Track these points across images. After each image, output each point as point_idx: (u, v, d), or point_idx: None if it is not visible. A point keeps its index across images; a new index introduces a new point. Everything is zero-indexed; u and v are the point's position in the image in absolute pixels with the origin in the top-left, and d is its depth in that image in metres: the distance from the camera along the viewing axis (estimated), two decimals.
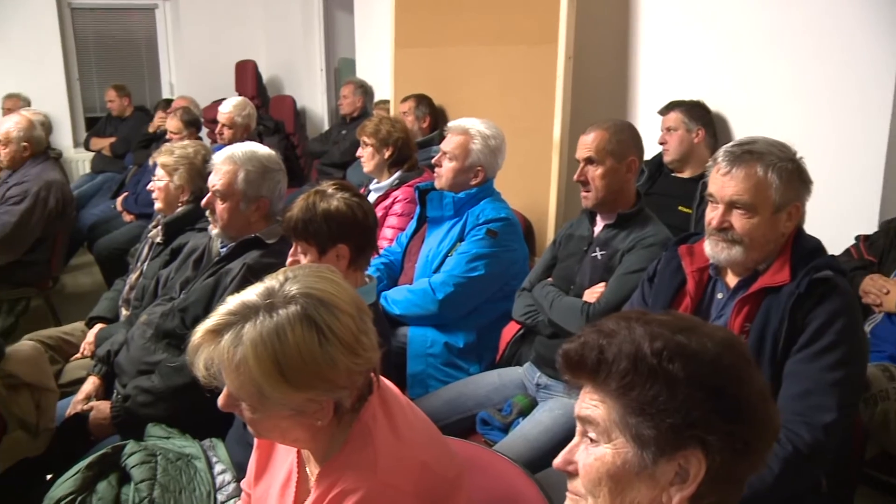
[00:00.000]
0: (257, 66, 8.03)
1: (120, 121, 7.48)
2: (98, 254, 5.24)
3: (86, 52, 8.39)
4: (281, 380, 1.32)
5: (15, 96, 7.19)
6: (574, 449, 1.18)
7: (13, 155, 4.48)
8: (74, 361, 3.20)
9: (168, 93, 8.53)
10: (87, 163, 7.67)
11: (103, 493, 2.08)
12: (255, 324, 1.33)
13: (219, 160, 2.70)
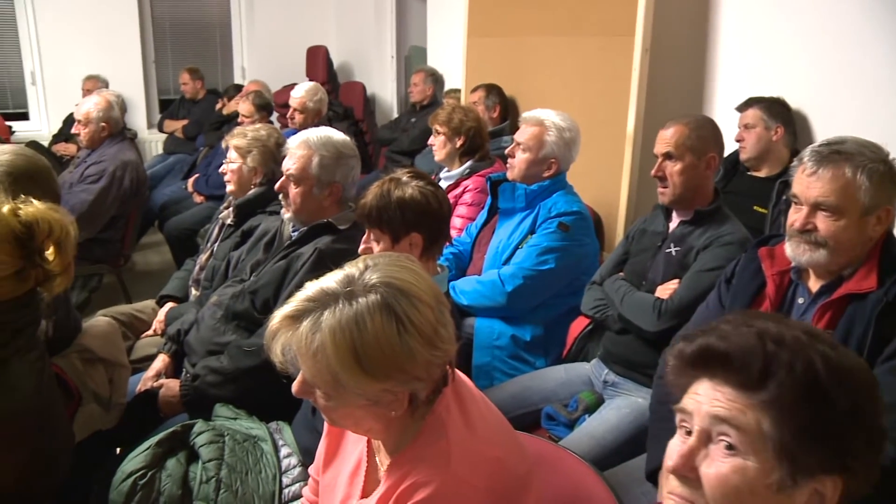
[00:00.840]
0: (328, 52, 8.07)
1: (193, 103, 7.60)
2: (168, 233, 5.33)
3: (162, 36, 8.52)
4: (358, 369, 1.30)
5: (94, 78, 7.35)
6: (694, 452, 1.13)
7: (92, 135, 4.58)
8: (145, 338, 3.25)
9: (240, 77, 8.63)
10: (159, 144, 7.81)
11: (172, 470, 2.10)
12: (335, 311, 1.32)
13: (293, 144, 2.71)
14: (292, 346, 1.34)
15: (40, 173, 2.46)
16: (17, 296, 1.74)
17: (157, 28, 8.45)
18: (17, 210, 1.73)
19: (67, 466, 1.98)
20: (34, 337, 1.84)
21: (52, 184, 2.48)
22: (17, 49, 7.89)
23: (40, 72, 7.91)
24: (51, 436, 1.89)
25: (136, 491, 2.04)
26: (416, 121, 6.22)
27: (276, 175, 3.35)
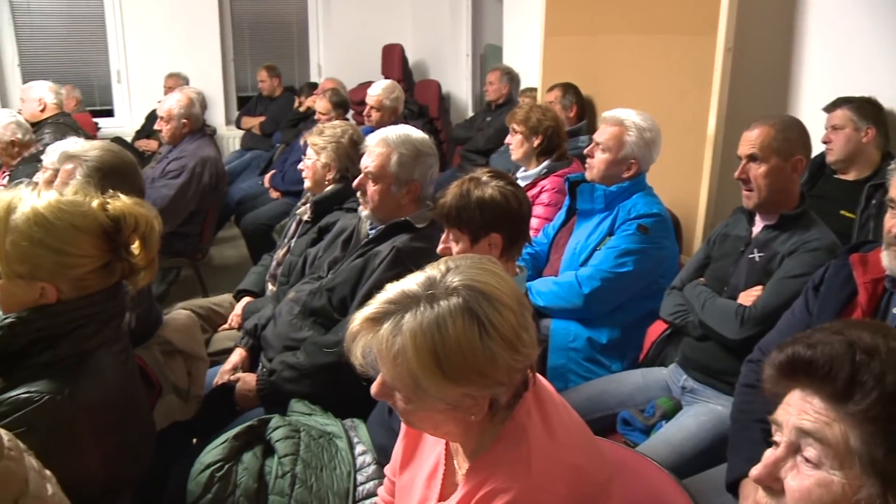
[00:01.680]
0: (404, 50, 8.09)
1: (270, 100, 7.72)
2: (244, 228, 5.41)
3: (240, 34, 8.68)
4: (439, 373, 1.29)
5: (175, 75, 7.52)
6: (779, 463, 1.10)
7: (173, 131, 4.68)
8: (222, 332, 3.30)
9: (316, 74, 8.73)
10: (237, 140, 7.96)
11: (248, 464, 2.12)
12: (416, 314, 1.30)
13: (372, 142, 2.71)
14: (373, 349, 1.33)
15: (127, 169, 2.52)
16: (103, 288, 1.78)
17: (236, 26, 8.60)
18: (105, 205, 1.77)
19: (150, 456, 2.02)
20: (119, 329, 1.87)
21: (137, 179, 2.53)
22: (104, 49, 8.13)
23: (125, 70, 8.14)
24: (135, 425, 1.93)
25: (213, 483, 2.07)
26: (491, 120, 6.20)
27: (351, 172, 3.39)
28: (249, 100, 8.26)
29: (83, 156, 2.55)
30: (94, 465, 1.72)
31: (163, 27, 8.05)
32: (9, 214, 1.68)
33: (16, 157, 4.51)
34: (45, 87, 5.20)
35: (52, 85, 5.27)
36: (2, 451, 1.23)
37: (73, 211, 1.72)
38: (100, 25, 8.08)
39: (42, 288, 1.70)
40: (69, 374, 1.67)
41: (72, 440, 1.65)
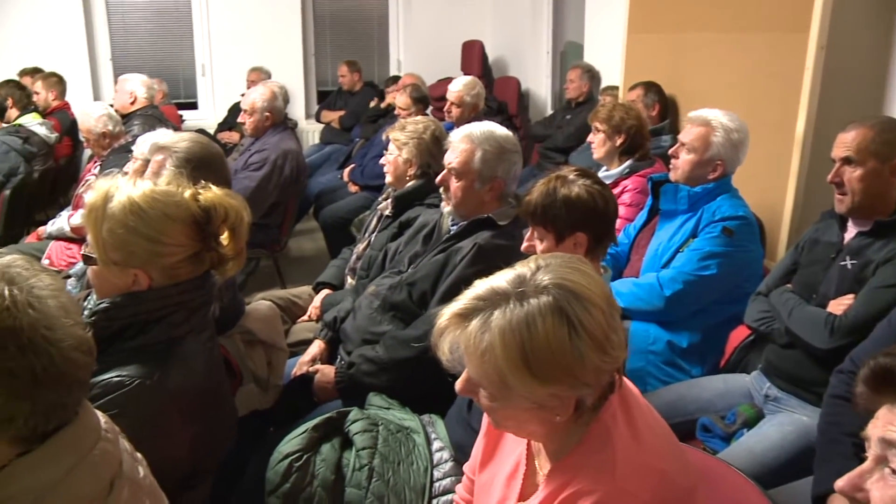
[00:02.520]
0: (484, 47, 8.08)
1: (350, 95, 7.79)
2: (323, 221, 5.46)
3: (322, 29, 8.78)
4: (526, 371, 1.28)
5: (258, 69, 7.64)
6: (865, 474, 1.06)
7: (257, 124, 4.75)
8: (300, 323, 3.34)
9: (395, 70, 8.78)
10: (316, 134, 8.05)
11: (326, 455, 2.15)
12: (505, 311, 1.29)
13: (456, 138, 2.70)
14: (460, 345, 1.32)
15: (214, 160, 2.57)
16: (193, 277, 1.82)
17: (317, 22, 8.72)
18: (197, 195, 1.80)
19: (232, 443, 2.05)
20: (207, 318, 1.91)
21: (224, 170, 2.58)
22: (190, 43, 8.34)
23: (210, 64, 8.32)
24: (219, 412, 1.96)
25: (291, 472, 2.10)
26: (570, 118, 6.15)
27: (433, 168, 3.39)
28: (329, 94, 8.35)
29: (173, 147, 2.61)
30: (180, 451, 1.75)
31: (247, 22, 8.21)
32: (106, 203, 1.73)
33: (106, 148, 4.65)
34: (138, 80, 5.35)
35: (145, 79, 5.41)
36: (99, 432, 1.26)
37: (166, 201, 1.76)
38: (186, 21, 8.29)
39: (135, 275, 1.74)
40: (159, 360, 1.71)
41: (160, 425, 1.68)
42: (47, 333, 1.14)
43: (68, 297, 1.21)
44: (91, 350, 1.22)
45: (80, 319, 1.22)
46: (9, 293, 1.12)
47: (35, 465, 1.15)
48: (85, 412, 1.24)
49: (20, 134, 5.52)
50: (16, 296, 1.13)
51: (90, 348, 1.22)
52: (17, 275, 1.17)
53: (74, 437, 1.20)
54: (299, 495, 2.08)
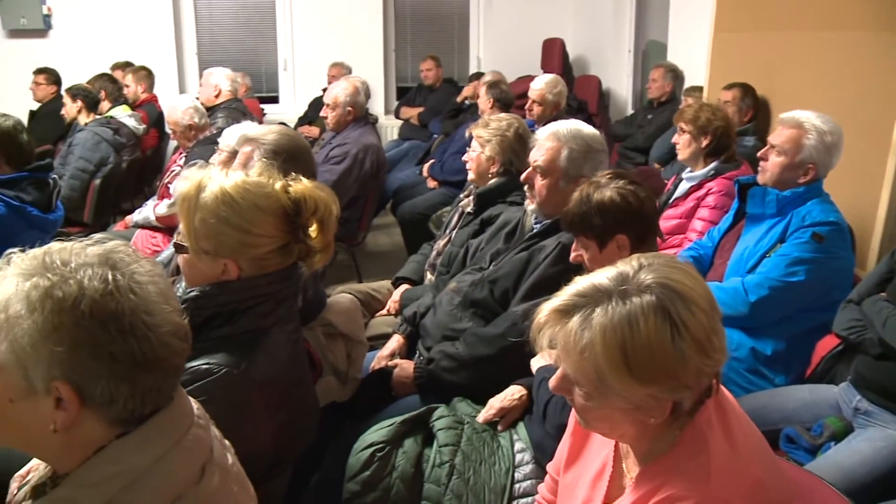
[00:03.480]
0: (564, 45, 8.01)
1: (429, 91, 7.82)
2: (401, 217, 5.48)
3: (403, 26, 8.83)
4: (626, 371, 1.25)
5: (339, 65, 7.71)
6: None
7: (338, 118, 4.79)
8: (379, 317, 3.35)
9: (475, 67, 8.77)
10: (395, 129, 8.10)
11: (408, 449, 2.15)
12: (607, 309, 1.27)
13: (542, 136, 2.68)
14: (557, 341, 1.31)
15: (301, 153, 2.59)
16: (281, 268, 1.83)
17: (398, 18, 8.77)
18: (287, 187, 1.82)
19: (313, 434, 2.07)
20: (293, 309, 1.92)
21: (311, 163, 2.60)
22: (273, 38, 8.49)
23: (292, 59, 8.46)
24: (302, 403, 1.98)
25: (373, 461, 2.12)
26: (652, 118, 6.07)
27: (515, 165, 3.37)
28: (408, 90, 8.39)
29: (261, 139, 2.64)
30: (263, 440, 1.77)
31: (329, 18, 8.31)
32: (199, 193, 1.76)
33: (192, 140, 4.75)
34: (222, 74, 5.46)
35: (229, 73, 5.52)
36: (192, 418, 1.28)
37: (257, 192, 1.77)
38: (270, 16, 8.44)
39: (225, 264, 1.76)
40: (245, 350, 1.72)
41: (245, 414, 1.70)
42: (147, 319, 1.16)
43: (167, 284, 1.24)
44: (187, 336, 1.24)
45: (178, 306, 1.24)
46: (112, 278, 1.15)
47: (132, 446, 1.17)
48: (179, 397, 1.27)
49: (111, 125, 5.68)
50: (119, 280, 1.15)
51: (186, 335, 1.24)
52: (120, 260, 1.19)
53: (169, 422, 1.22)
54: (378, 484, 2.10)
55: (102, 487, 1.15)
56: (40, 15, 7.74)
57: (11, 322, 1.11)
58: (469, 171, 3.48)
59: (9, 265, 1.18)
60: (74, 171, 5.29)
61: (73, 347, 1.10)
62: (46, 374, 1.11)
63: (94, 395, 1.13)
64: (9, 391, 1.15)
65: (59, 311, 1.10)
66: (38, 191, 3.55)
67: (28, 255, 1.19)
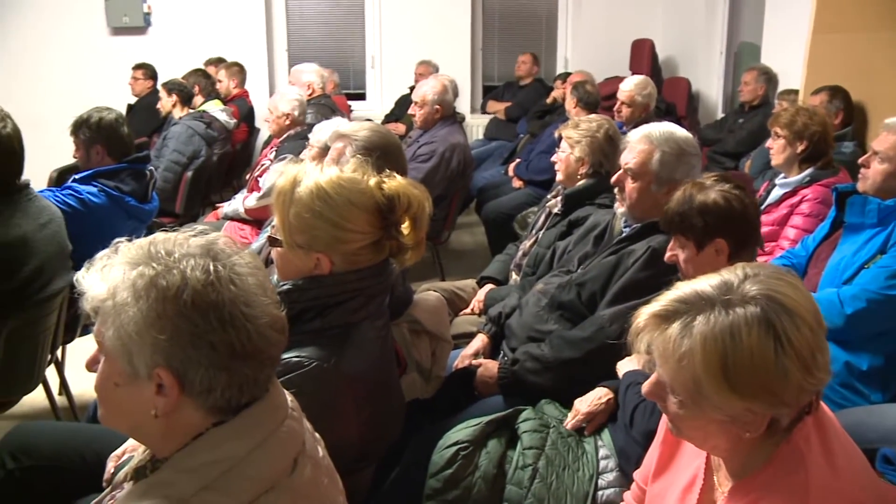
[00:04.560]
0: (654, 46, 7.88)
1: (518, 88, 7.81)
2: (485, 216, 5.47)
3: (491, 25, 8.82)
4: (724, 383, 1.22)
5: (426, 63, 7.74)
6: None
7: (426, 116, 4.82)
8: (463, 316, 3.35)
9: (562, 67, 8.70)
10: (480, 128, 8.09)
11: (491, 449, 2.15)
12: (709, 318, 1.24)
13: (634, 138, 2.64)
14: (655, 347, 1.28)
15: (393, 149, 2.61)
16: (372, 265, 1.84)
17: (486, 17, 8.76)
18: (381, 184, 1.83)
19: (399, 430, 2.08)
20: (383, 305, 1.94)
21: (402, 160, 2.62)
22: (362, 35, 8.58)
23: (379, 56, 8.53)
24: (389, 399, 1.99)
25: (456, 459, 2.13)
26: (743, 122, 5.92)
27: (605, 167, 3.34)
28: (493, 89, 8.39)
29: (353, 135, 2.67)
30: (350, 435, 1.79)
31: (417, 16, 8.35)
32: (294, 187, 1.78)
33: (283, 129, 4.82)
34: (313, 70, 5.53)
35: (319, 69, 5.60)
36: (286, 410, 1.30)
37: (351, 188, 1.79)
38: (359, 14, 8.53)
39: (317, 259, 1.79)
40: (336, 344, 1.74)
41: (334, 407, 1.72)
42: (246, 310, 1.18)
43: (265, 276, 1.26)
44: (284, 328, 1.26)
45: (276, 298, 1.26)
46: (213, 269, 1.17)
47: (228, 436, 1.20)
48: (275, 389, 1.29)
49: (204, 119, 5.84)
50: (220, 271, 1.18)
51: (283, 327, 1.26)
52: (221, 251, 1.22)
53: (265, 413, 1.24)
54: (460, 482, 2.11)
55: (199, 473, 1.18)
56: (141, 13, 8.02)
57: (118, 309, 1.15)
58: (557, 171, 3.46)
59: (116, 253, 1.22)
60: (168, 164, 5.45)
61: (174, 336, 1.14)
62: (149, 360, 1.15)
63: (194, 382, 1.16)
64: (114, 376, 1.19)
65: (163, 299, 1.14)
66: (136, 182, 3.67)
67: (134, 245, 1.22)
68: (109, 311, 1.16)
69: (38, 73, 8.00)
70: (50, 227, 3.08)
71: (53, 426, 2.53)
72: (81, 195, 3.46)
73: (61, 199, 3.39)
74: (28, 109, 6.01)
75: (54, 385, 3.58)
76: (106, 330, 1.17)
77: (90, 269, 1.22)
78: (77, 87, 7.70)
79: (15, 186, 3.01)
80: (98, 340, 1.21)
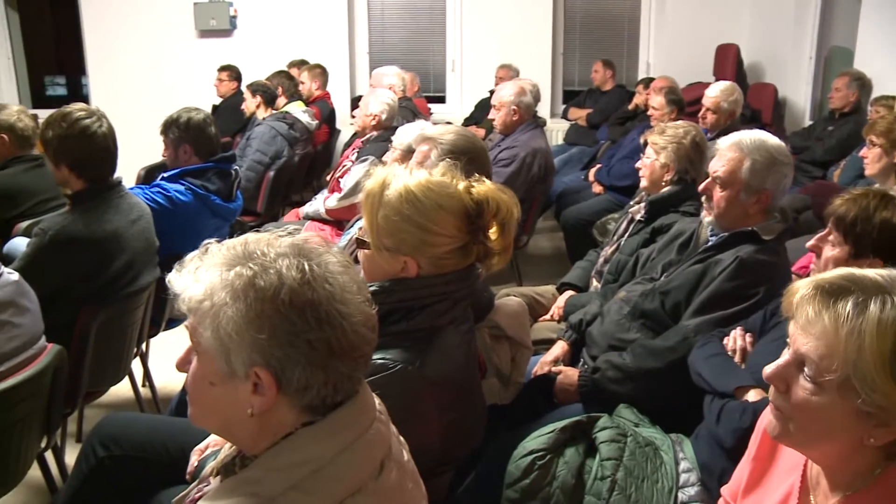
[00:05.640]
0: (739, 51, 7.71)
1: (600, 94, 7.73)
2: (565, 222, 5.42)
3: (572, 29, 8.76)
4: (890, 369, 1.18)
5: (506, 66, 7.73)
6: None
7: (505, 120, 4.81)
8: (541, 322, 3.32)
9: (644, 72, 8.58)
10: (560, 133, 8.04)
11: (570, 459, 2.11)
12: (885, 303, 1.21)
13: (724, 145, 2.58)
14: (809, 320, 1.25)
15: (479, 153, 2.61)
16: (458, 269, 1.84)
17: (568, 21, 8.71)
18: (470, 188, 1.82)
19: (481, 435, 2.07)
20: (467, 309, 1.93)
21: (487, 164, 2.61)
22: (442, 39, 8.64)
23: (460, 59, 8.58)
24: (471, 405, 1.98)
25: (532, 469, 2.09)
26: (832, 129, 5.74)
27: (690, 174, 3.27)
28: (574, 94, 8.32)
29: (439, 139, 2.67)
30: (432, 438, 1.78)
31: (498, 20, 8.35)
32: (383, 190, 1.79)
33: (368, 129, 4.86)
34: (395, 73, 5.57)
35: (399, 71, 5.63)
36: (375, 412, 1.30)
37: (440, 191, 1.79)
38: (440, 18, 8.58)
39: (405, 262, 1.79)
40: (420, 347, 1.74)
41: (416, 411, 1.72)
42: (341, 308, 1.18)
43: (356, 274, 1.26)
44: (375, 327, 1.26)
45: (368, 296, 1.26)
46: (308, 268, 1.18)
47: (317, 437, 1.20)
48: (364, 391, 1.29)
49: (286, 120, 5.93)
50: (314, 270, 1.18)
51: (375, 325, 1.26)
52: (313, 250, 1.22)
53: (354, 415, 1.24)
54: (537, 493, 2.07)
55: (288, 473, 1.18)
56: (228, 16, 8.24)
57: (216, 309, 1.16)
58: (641, 177, 3.41)
59: (206, 254, 1.23)
60: (251, 163, 5.56)
61: (273, 335, 1.14)
62: (247, 359, 1.16)
63: (291, 381, 1.16)
64: (210, 375, 1.20)
65: (262, 299, 1.14)
66: (222, 181, 3.74)
67: (226, 245, 1.23)
68: (207, 312, 1.17)
69: (131, 75, 8.28)
70: (139, 224, 3.16)
71: (140, 418, 2.59)
72: (169, 193, 3.54)
73: (150, 196, 3.48)
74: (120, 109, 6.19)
75: (138, 377, 3.69)
76: (203, 330, 1.18)
77: (181, 270, 1.23)
78: (165, 88, 7.94)
79: (108, 183, 3.11)
80: (193, 340, 1.23)
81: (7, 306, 2.40)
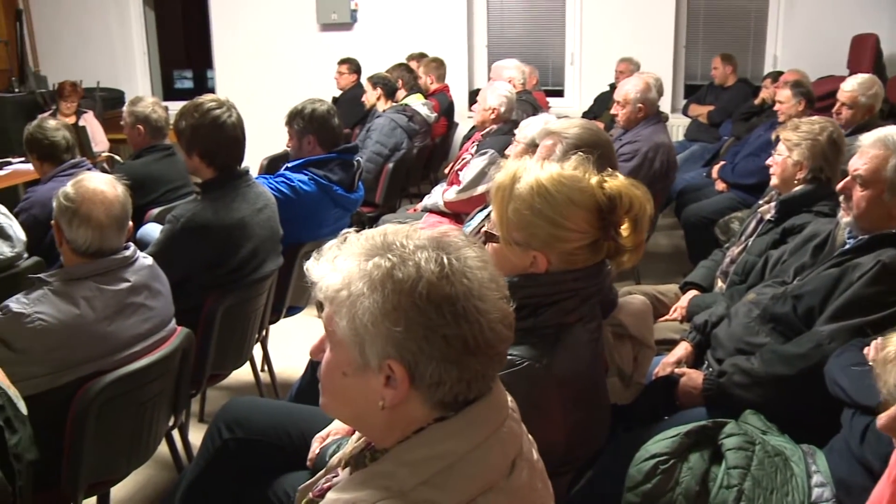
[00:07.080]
0: (878, 41, 7.29)
1: (721, 90, 7.49)
2: (685, 220, 5.29)
3: (695, 22, 8.52)
4: None
5: (627, 60, 7.57)
6: None
7: (629, 115, 4.71)
8: (663, 322, 3.24)
9: (770, 66, 8.25)
10: (681, 129, 7.83)
11: (694, 465, 2.04)
12: None
13: (867, 142, 2.45)
14: None
15: (605, 148, 2.56)
16: (588, 265, 1.80)
17: (691, 14, 8.47)
18: (602, 183, 1.79)
19: (605, 436, 2.03)
20: (596, 307, 1.90)
21: (613, 159, 2.57)
22: (562, 32, 8.54)
23: (579, 53, 8.46)
24: (597, 404, 1.95)
25: (655, 473, 2.02)
26: None
27: (825, 173, 3.13)
28: (697, 88, 8.09)
29: (563, 133, 2.63)
30: (557, 436, 1.75)
31: (619, 12, 8.20)
32: (514, 183, 1.77)
33: (487, 125, 4.85)
34: (514, 66, 5.54)
35: (519, 64, 5.60)
36: (507, 409, 1.28)
37: (572, 185, 1.76)
38: (560, 10, 8.48)
39: (534, 256, 1.77)
40: (548, 344, 1.71)
41: (542, 409, 1.69)
42: (478, 304, 1.16)
43: (494, 270, 1.24)
44: (512, 325, 1.23)
45: (506, 293, 1.24)
46: (447, 262, 1.16)
47: (452, 432, 1.19)
48: (497, 388, 1.27)
49: (406, 112, 6.00)
50: (453, 264, 1.17)
51: (511, 323, 1.23)
52: (451, 244, 1.21)
53: (488, 412, 1.22)
54: (659, 498, 2.01)
55: (419, 468, 1.17)
56: (348, 10, 8.41)
57: (353, 299, 1.16)
58: (772, 175, 3.28)
59: (345, 244, 1.23)
60: (371, 155, 5.63)
61: (409, 328, 1.13)
62: (381, 351, 1.15)
63: (424, 376, 1.15)
64: (343, 365, 1.21)
65: (399, 291, 1.14)
66: (344, 171, 3.80)
67: (365, 235, 1.23)
68: (344, 301, 1.17)
69: (254, 68, 8.56)
70: (265, 212, 3.25)
71: (263, 403, 2.65)
72: (293, 182, 3.62)
73: (274, 185, 3.57)
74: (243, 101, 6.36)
75: (258, 362, 3.79)
76: (340, 319, 1.17)
77: (320, 258, 1.23)
78: (287, 81, 8.16)
79: (236, 172, 3.20)
80: (328, 329, 1.22)
81: (142, 289, 2.51)
